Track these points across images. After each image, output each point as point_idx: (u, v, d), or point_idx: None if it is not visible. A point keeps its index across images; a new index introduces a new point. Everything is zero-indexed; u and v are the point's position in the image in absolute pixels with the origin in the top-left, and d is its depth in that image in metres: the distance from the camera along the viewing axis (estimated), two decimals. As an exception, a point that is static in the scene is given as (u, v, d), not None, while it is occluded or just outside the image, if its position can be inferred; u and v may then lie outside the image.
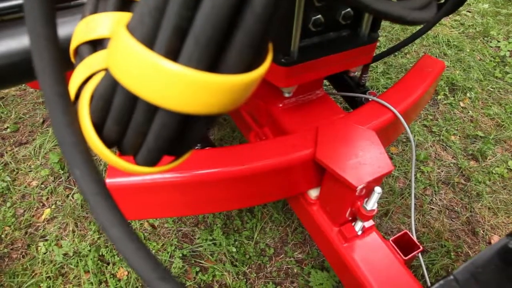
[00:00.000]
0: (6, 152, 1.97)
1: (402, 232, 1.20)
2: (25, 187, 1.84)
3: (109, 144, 0.45)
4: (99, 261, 1.57)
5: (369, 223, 1.17)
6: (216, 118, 0.38)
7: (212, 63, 0.30)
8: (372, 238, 1.16)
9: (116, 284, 1.51)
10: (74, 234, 1.67)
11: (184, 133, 0.37)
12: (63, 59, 0.42)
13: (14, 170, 1.89)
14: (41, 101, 2.25)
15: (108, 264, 1.57)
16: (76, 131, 0.40)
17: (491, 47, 2.66)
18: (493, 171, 1.90)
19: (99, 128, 0.42)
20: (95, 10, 0.43)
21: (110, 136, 0.42)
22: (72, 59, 0.46)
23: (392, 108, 1.19)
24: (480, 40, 2.72)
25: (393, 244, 1.16)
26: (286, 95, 1.03)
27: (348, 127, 1.10)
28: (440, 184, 1.85)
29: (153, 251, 1.59)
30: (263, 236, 1.64)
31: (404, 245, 1.20)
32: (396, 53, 2.55)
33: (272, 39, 0.37)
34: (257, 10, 0.28)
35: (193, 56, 0.29)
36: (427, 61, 1.42)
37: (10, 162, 1.92)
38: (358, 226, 1.14)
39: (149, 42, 0.30)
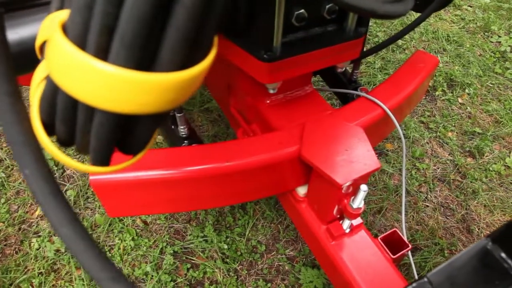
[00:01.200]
0: (1, 148, 1.97)
1: (391, 230, 1.18)
2: (20, 183, 1.84)
3: (64, 144, 0.45)
4: (91, 257, 1.57)
5: (357, 221, 1.15)
6: (162, 117, 0.37)
7: (144, 61, 0.29)
8: (360, 236, 1.15)
9: (108, 280, 1.51)
10: (67, 230, 1.67)
11: (129, 132, 0.36)
12: (12, 58, 0.41)
13: (8, 167, 1.89)
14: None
15: (100, 260, 1.57)
16: (25, 130, 0.39)
17: (492, 42, 2.62)
18: (490, 168, 1.87)
19: (51, 128, 0.41)
20: (61, 7, 0.42)
21: (61, 136, 0.41)
22: (39, 57, 0.46)
23: (381, 104, 1.18)
24: (481, 35, 2.68)
25: (382, 243, 1.14)
26: (271, 91, 1.01)
27: (335, 124, 1.08)
28: (436, 181, 1.83)
29: (145, 248, 1.59)
30: (255, 233, 1.63)
31: (394, 243, 1.18)
32: (395, 49, 2.52)
33: (217, 33, 0.36)
34: (187, 3, 0.27)
35: (120, 55, 0.28)
36: (420, 56, 1.40)
37: (5, 158, 1.92)
38: (346, 224, 1.13)
39: (81, 41, 0.29)
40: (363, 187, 0.99)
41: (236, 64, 1.00)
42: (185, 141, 1.20)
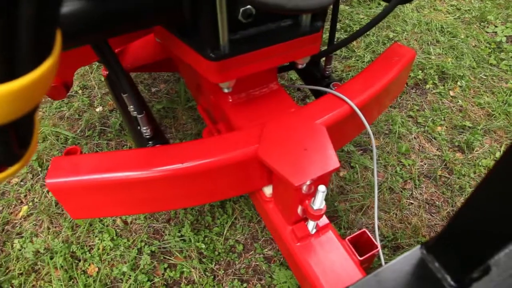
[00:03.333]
0: (-12, 150, 2.00)
1: (360, 231, 1.15)
2: (5, 184, 1.86)
3: None
4: (70, 258, 1.58)
5: (324, 222, 1.12)
6: (5, 131, 0.35)
7: None
8: (327, 238, 1.12)
9: (86, 281, 1.52)
10: (49, 231, 1.68)
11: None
12: None
13: (-6, 168, 1.91)
14: (25, 99, 2.27)
15: (79, 260, 1.58)
16: None
17: (488, 32, 2.53)
18: (479, 163, 1.81)
19: None
20: None
21: None
22: None
23: (348, 101, 1.14)
24: (477, 26, 2.59)
25: (349, 244, 1.11)
26: (225, 90, 0.99)
27: (297, 122, 1.05)
28: (422, 177, 1.78)
29: (122, 248, 1.59)
30: (233, 232, 1.61)
31: (363, 244, 1.15)
32: (385, 41, 2.46)
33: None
34: None
35: None
36: (396, 50, 1.35)
37: (-9, 160, 1.94)
38: (311, 225, 1.10)
39: None
40: (321, 188, 0.96)
41: (190, 64, 0.97)
42: (150, 142, 1.19)
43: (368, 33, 2.52)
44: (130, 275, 1.52)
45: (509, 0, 2.78)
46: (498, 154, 1.85)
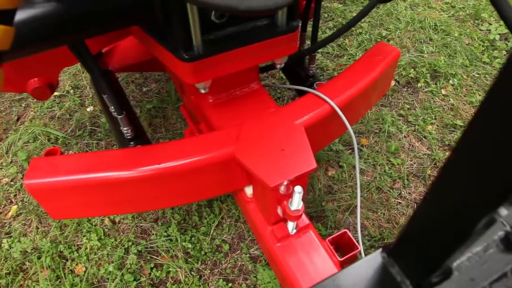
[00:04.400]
0: (-21, 150, 2.00)
1: (341, 232, 1.14)
2: (-5, 184, 1.87)
3: None
4: (58, 257, 1.59)
5: (304, 222, 1.12)
6: None
7: None
8: (307, 238, 1.11)
9: (73, 280, 1.52)
10: (37, 231, 1.69)
11: None
12: None
13: (-15, 168, 1.92)
14: (18, 99, 2.28)
15: (67, 260, 1.59)
16: None
17: (481, 30, 2.51)
18: (469, 163, 1.80)
19: None
20: None
21: None
22: None
23: (329, 100, 1.13)
24: (470, 23, 2.57)
25: (329, 245, 1.11)
26: (202, 91, 0.99)
27: (275, 122, 1.05)
28: (411, 177, 1.77)
29: (109, 248, 1.59)
30: (220, 232, 1.61)
31: (344, 245, 1.15)
32: (378, 40, 2.44)
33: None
34: None
35: None
36: (380, 49, 1.34)
37: (-18, 160, 1.95)
38: (291, 225, 1.10)
39: None
40: (297, 189, 0.96)
41: (166, 65, 0.97)
42: (131, 142, 1.19)
43: (360, 31, 2.50)
44: (116, 275, 1.52)
45: (504, -2, 2.75)
46: (488, 153, 1.84)
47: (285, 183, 0.96)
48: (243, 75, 1.13)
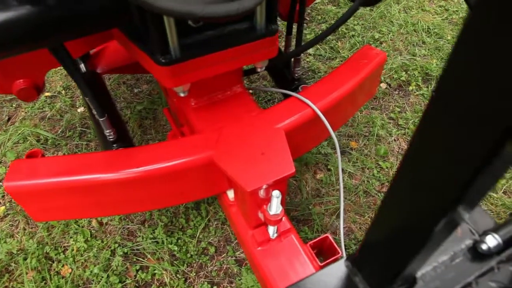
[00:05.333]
0: (-32, 150, 2.00)
1: (323, 236, 1.14)
2: (-16, 184, 1.87)
3: None
4: (44, 259, 1.58)
5: (286, 226, 1.12)
6: None
7: None
8: (288, 242, 1.11)
9: (58, 282, 1.52)
10: (24, 232, 1.69)
11: None
12: None
13: (-26, 168, 1.92)
14: (9, 99, 2.27)
15: (53, 261, 1.58)
16: None
17: (474, 33, 2.51)
18: (458, 167, 1.80)
19: None
20: None
21: None
22: None
23: (311, 104, 1.13)
24: (464, 26, 2.57)
25: (310, 249, 1.11)
26: (181, 94, 0.98)
27: (256, 126, 1.05)
28: (400, 180, 1.77)
29: (95, 250, 1.59)
30: (206, 234, 1.61)
31: (327, 249, 1.15)
32: (371, 42, 2.44)
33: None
34: None
35: None
36: (366, 52, 1.34)
37: (-29, 160, 1.95)
38: (271, 229, 1.09)
39: None
40: (275, 193, 0.96)
41: (145, 68, 0.97)
42: (114, 145, 1.19)
43: (353, 33, 2.50)
44: (102, 277, 1.52)
45: (498, 1, 2.75)
46: (477, 157, 1.83)
47: (264, 187, 0.96)
48: (226, 78, 1.13)
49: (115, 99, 2.19)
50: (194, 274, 1.51)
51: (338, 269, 0.56)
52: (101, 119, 1.12)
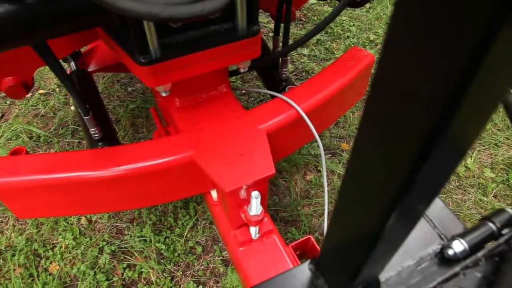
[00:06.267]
0: (-39, 146, 2.01)
1: (305, 238, 1.14)
2: (-24, 180, 1.87)
3: None
4: (32, 256, 1.59)
5: (268, 227, 1.12)
6: None
7: None
8: (270, 243, 1.11)
9: (46, 278, 1.53)
10: (14, 228, 1.69)
11: None
12: None
13: (-34, 164, 1.93)
14: (3, 96, 2.28)
15: (41, 258, 1.59)
16: None
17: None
18: (449, 170, 1.79)
19: None
20: None
21: None
22: None
23: (295, 105, 1.13)
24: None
25: (292, 251, 1.11)
26: (163, 94, 0.99)
27: (237, 127, 1.05)
28: (389, 182, 1.77)
29: (83, 247, 1.60)
30: (194, 233, 1.61)
31: (309, 251, 1.15)
32: (366, 44, 2.44)
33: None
34: None
35: None
36: (354, 54, 1.34)
37: (-36, 156, 1.96)
38: (253, 230, 1.10)
39: None
40: (254, 194, 0.96)
41: (127, 67, 0.97)
42: (99, 143, 1.19)
43: (348, 35, 2.50)
44: (89, 274, 1.52)
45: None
46: (469, 161, 1.83)
47: (244, 187, 0.96)
48: (210, 78, 1.13)
49: (109, 97, 2.20)
50: (181, 273, 1.52)
51: (302, 272, 0.56)
52: (86, 118, 1.13)
